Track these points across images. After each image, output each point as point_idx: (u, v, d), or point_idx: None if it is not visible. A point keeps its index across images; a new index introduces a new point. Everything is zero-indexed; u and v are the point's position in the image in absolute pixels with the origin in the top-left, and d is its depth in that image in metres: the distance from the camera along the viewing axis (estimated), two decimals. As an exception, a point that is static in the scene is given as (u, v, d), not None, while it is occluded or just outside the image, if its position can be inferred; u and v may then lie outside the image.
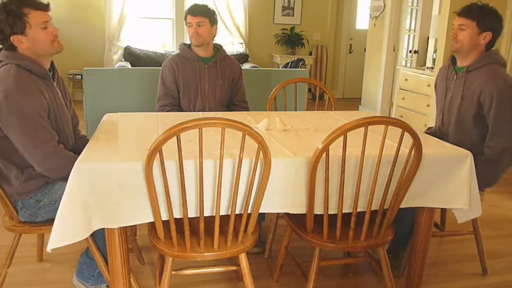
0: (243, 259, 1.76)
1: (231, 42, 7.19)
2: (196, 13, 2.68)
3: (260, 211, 1.69)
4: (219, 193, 1.58)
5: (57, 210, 1.56)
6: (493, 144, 2.10)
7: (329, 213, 1.75)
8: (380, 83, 6.21)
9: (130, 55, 6.38)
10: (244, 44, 7.16)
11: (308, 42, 7.46)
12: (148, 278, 2.27)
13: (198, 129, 1.46)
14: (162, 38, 7.12)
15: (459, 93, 2.23)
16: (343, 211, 1.75)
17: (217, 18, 2.78)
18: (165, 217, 1.64)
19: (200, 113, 2.68)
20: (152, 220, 1.65)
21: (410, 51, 5.70)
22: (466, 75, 2.21)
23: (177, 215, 1.64)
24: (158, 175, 1.56)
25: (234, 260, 1.87)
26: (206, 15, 2.69)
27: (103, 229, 1.67)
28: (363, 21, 7.59)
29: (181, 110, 2.82)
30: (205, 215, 1.65)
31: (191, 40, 2.73)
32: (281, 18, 7.36)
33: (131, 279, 1.89)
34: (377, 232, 1.83)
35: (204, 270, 1.86)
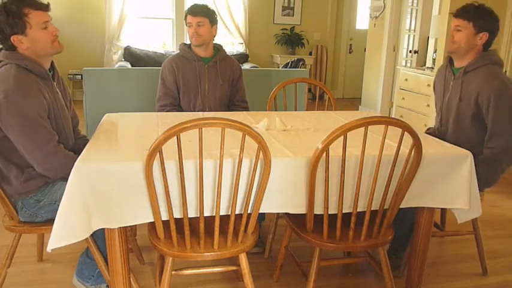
0: (243, 259, 1.76)
1: (231, 42, 7.19)
2: (196, 13, 2.68)
3: (260, 211, 1.69)
4: (219, 193, 1.58)
5: (57, 210, 1.56)
6: (493, 144, 2.10)
7: (329, 213, 1.75)
8: (380, 83, 6.21)
9: (130, 55, 6.38)
10: (244, 44, 7.16)
11: (308, 42, 7.46)
12: (148, 278, 2.27)
13: (198, 129, 1.46)
14: (162, 38, 7.12)
15: (457, 94, 2.23)
16: (343, 211, 1.75)
17: (217, 18, 2.78)
18: (165, 217, 1.64)
19: (200, 113, 2.68)
20: (152, 220, 1.65)
21: (410, 51, 5.70)
22: (464, 76, 2.21)
23: (177, 215, 1.64)
24: (158, 175, 1.56)
25: (234, 260, 1.87)
26: (206, 15, 2.69)
27: (103, 229, 1.67)
28: (363, 21, 7.59)
29: (181, 110, 2.82)
30: (205, 215, 1.65)
31: (191, 40, 2.73)
32: (281, 18, 7.36)
33: (131, 279, 1.89)
34: (377, 232, 1.83)
35: (204, 270, 1.86)
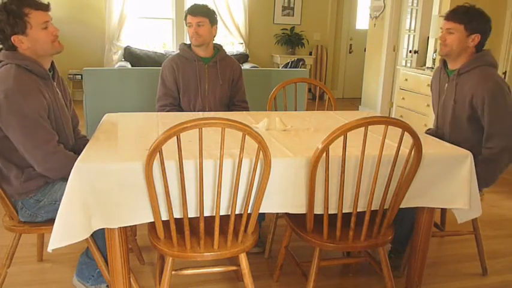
0: (243, 259, 1.76)
1: (231, 42, 7.19)
2: (196, 13, 2.68)
3: (260, 211, 1.69)
4: (219, 193, 1.58)
5: (57, 210, 1.56)
6: (491, 145, 2.10)
7: (329, 213, 1.75)
8: (380, 83, 6.21)
9: (130, 55, 6.38)
10: (244, 44, 7.16)
11: (308, 42, 7.46)
12: (148, 278, 2.27)
13: (198, 129, 1.46)
14: (162, 38, 7.12)
15: (452, 96, 2.23)
16: (343, 211, 1.75)
17: (217, 18, 2.78)
18: (165, 217, 1.64)
19: (200, 113, 2.68)
20: (152, 220, 1.65)
21: (410, 51, 5.70)
22: (458, 78, 2.21)
23: (177, 215, 1.64)
24: (158, 175, 1.56)
25: (234, 260, 1.86)
26: (206, 15, 2.69)
27: (103, 229, 1.67)
28: (363, 21, 7.59)
29: (181, 110, 2.82)
30: (205, 215, 1.65)
31: (191, 40, 2.73)
32: (281, 18, 7.36)
33: (131, 279, 1.89)
34: (377, 232, 1.83)
35: (204, 270, 1.86)
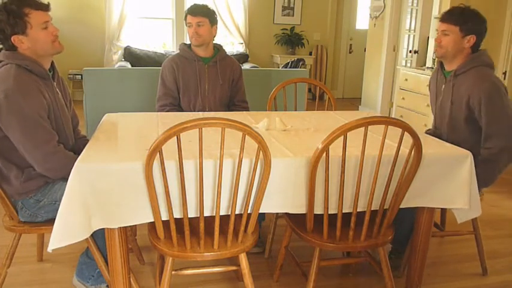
0: (243, 259, 1.76)
1: (231, 42, 7.19)
2: (196, 13, 2.68)
3: (260, 211, 1.69)
4: (219, 193, 1.58)
5: (57, 210, 1.56)
6: (490, 145, 2.09)
7: (329, 213, 1.75)
8: (380, 83, 6.21)
9: (131, 55, 6.38)
10: (244, 44, 7.16)
11: (308, 42, 7.46)
12: (148, 278, 2.27)
13: (198, 129, 1.46)
14: (162, 38, 7.12)
15: (449, 97, 2.23)
16: (343, 211, 1.75)
17: (217, 18, 2.78)
18: (165, 217, 1.64)
19: (200, 113, 2.68)
20: (152, 220, 1.65)
21: (410, 51, 5.70)
22: (454, 80, 2.21)
23: (177, 215, 1.64)
24: (158, 175, 1.56)
25: (234, 260, 1.86)
26: (206, 15, 2.69)
27: (103, 229, 1.67)
28: (363, 21, 7.59)
29: (181, 110, 2.82)
30: (205, 215, 1.65)
31: (191, 40, 2.73)
32: (281, 18, 7.36)
33: (131, 279, 1.89)
34: (377, 232, 1.83)
35: (204, 270, 1.86)
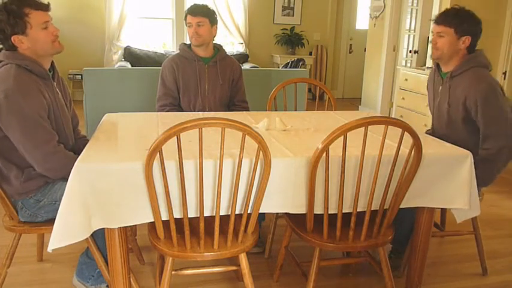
0: (243, 259, 1.76)
1: (231, 42, 7.19)
2: (196, 13, 2.68)
3: (260, 211, 1.69)
4: (219, 193, 1.58)
5: (57, 210, 1.56)
6: (488, 146, 2.09)
7: (329, 213, 1.75)
8: (380, 83, 6.21)
9: (131, 55, 6.38)
10: (244, 44, 7.16)
11: (308, 42, 7.46)
12: (148, 278, 2.27)
13: (198, 129, 1.46)
14: (162, 38, 7.12)
15: (446, 99, 2.24)
16: (343, 211, 1.75)
17: (217, 18, 2.78)
18: (165, 217, 1.64)
19: (200, 113, 2.68)
20: (152, 220, 1.65)
21: (410, 51, 5.70)
22: (451, 81, 2.21)
23: (177, 215, 1.64)
24: (158, 175, 1.56)
25: (234, 260, 1.87)
26: (206, 15, 2.69)
27: (103, 229, 1.67)
28: (363, 21, 7.59)
29: (181, 110, 2.82)
30: (205, 215, 1.65)
31: (191, 40, 2.73)
32: (281, 18, 7.36)
33: (131, 279, 1.89)
34: (377, 232, 1.83)
35: (204, 270, 1.86)
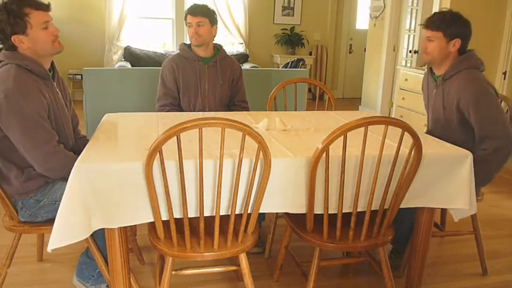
0: (243, 259, 1.76)
1: (231, 42, 7.19)
2: (196, 13, 2.68)
3: (260, 211, 1.69)
4: (219, 193, 1.58)
5: (57, 210, 1.56)
6: (484, 147, 2.08)
7: (329, 213, 1.75)
8: (380, 83, 6.21)
9: (131, 55, 6.38)
10: (244, 44, 7.16)
11: (308, 42, 7.46)
12: (148, 278, 2.27)
13: (198, 129, 1.46)
14: (162, 38, 7.12)
15: (441, 102, 2.24)
16: (343, 211, 1.75)
17: (217, 18, 2.78)
18: (165, 217, 1.64)
19: (200, 113, 2.68)
20: (152, 220, 1.65)
21: (410, 51, 5.70)
22: (444, 84, 2.21)
23: (177, 215, 1.64)
24: (158, 175, 1.56)
25: (234, 260, 1.86)
26: (206, 15, 2.69)
27: (103, 229, 1.67)
28: (363, 21, 7.59)
29: (181, 110, 2.82)
30: (205, 215, 1.65)
31: (191, 40, 2.73)
32: (281, 18, 7.36)
33: (131, 279, 1.89)
34: (377, 232, 1.83)
35: (204, 270, 1.86)
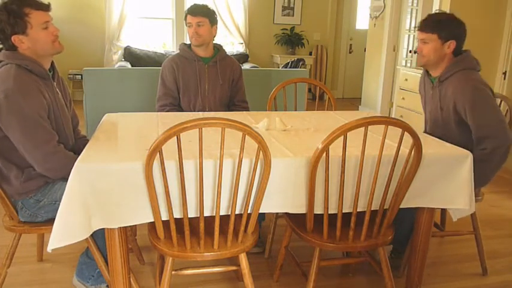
0: (243, 259, 1.76)
1: (231, 42, 7.19)
2: (196, 13, 2.68)
3: (260, 211, 1.69)
4: (219, 193, 1.58)
5: (57, 210, 1.56)
6: (482, 147, 2.08)
7: (329, 213, 1.75)
8: (380, 83, 6.21)
9: (131, 55, 6.38)
10: (244, 44, 7.16)
11: (308, 42, 7.46)
12: (148, 278, 2.27)
13: (198, 129, 1.46)
14: (162, 38, 7.12)
15: (437, 104, 2.24)
16: (343, 211, 1.75)
17: (217, 18, 2.78)
18: (165, 217, 1.64)
19: (200, 113, 2.68)
20: (152, 220, 1.65)
21: (410, 51, 5.70)
22: (440, 86, 2.22)
23: (177, 215, 1.64)
24: (158, 175, 1.56)
25: (234, 260, 1.87)
26: (206, 15, 2.69)
27: (103, 229, 1.67)
28: (363, 21, 7.59)
29: (181, 110, 2.82)
30: (205, 215, 1.65)
31: (191, 40, 2.73)
32: (281, 18, 7.36)
33: (131, 279, 1.89)
34: (377, 232, 1.83)
35: (204, 270, 1.86)
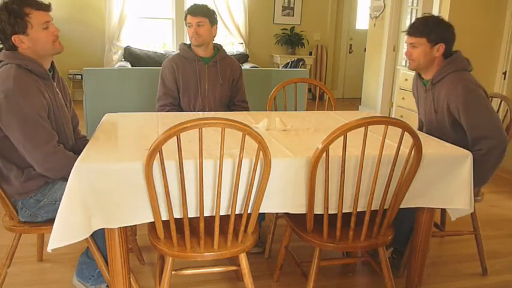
0: (243, 259, 1.76)
1: (231, 42, 7.19)
2: (196, 13, 2.68)
3: (260, 211, 1.69)
4: (219, 193, 1.58)
5: (57, 210, 1.56)
6: (478, 148, 2.08)
7: (329, 213, 1.75)
8: (380, 83, 6.21)
9: (131, 55, 6.38)
10: (244, 44, 7.16)
11: (308, 42, 7.46)
12: (148, 278, 2.27)
13: (198, 129, 1.46)
14: (162, 38, 7.12)
15: (431, 106, 2.24)
16: (343, 211, 1.75)
17: (217, 18, 2.78)
18: (165, 217, 1.64)
19: (200, 113, 2.68)
20: (152, 220, 1.65)
21: (410, 51, 5.69)
22: (433, 88, 2.22)
23: (177, 215, 1.64)
24: (158, 175, 1.56)
25: (234, 260, 1.87)
26: (206, 15, 2.69)
27: (103, 229, 1.67)
28: (363, 21, 7.59)
29: (181, 110, 2.82)
30: (205, 215, 1.65)
31: (191, 40, 2.73)
32: (281, 18, 7.36)
33: (131, 279, 1.89)
34: (377, 232, 1.83)
35: (204, 270, 1.86)
